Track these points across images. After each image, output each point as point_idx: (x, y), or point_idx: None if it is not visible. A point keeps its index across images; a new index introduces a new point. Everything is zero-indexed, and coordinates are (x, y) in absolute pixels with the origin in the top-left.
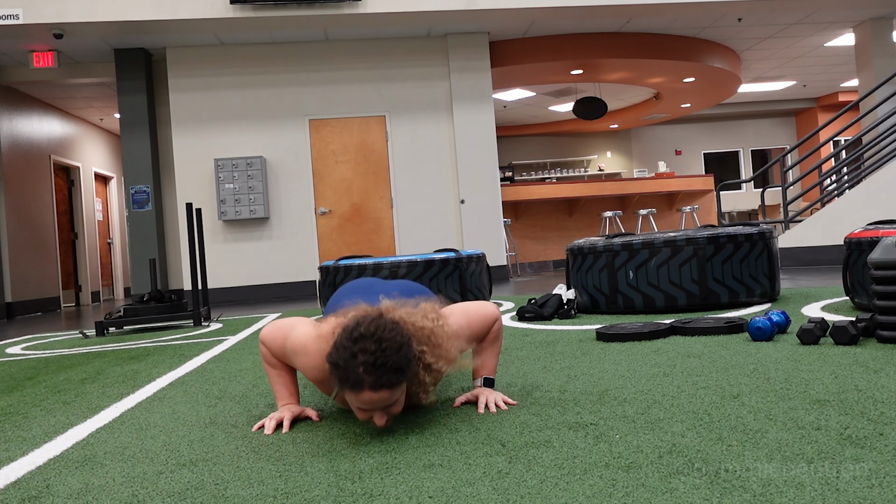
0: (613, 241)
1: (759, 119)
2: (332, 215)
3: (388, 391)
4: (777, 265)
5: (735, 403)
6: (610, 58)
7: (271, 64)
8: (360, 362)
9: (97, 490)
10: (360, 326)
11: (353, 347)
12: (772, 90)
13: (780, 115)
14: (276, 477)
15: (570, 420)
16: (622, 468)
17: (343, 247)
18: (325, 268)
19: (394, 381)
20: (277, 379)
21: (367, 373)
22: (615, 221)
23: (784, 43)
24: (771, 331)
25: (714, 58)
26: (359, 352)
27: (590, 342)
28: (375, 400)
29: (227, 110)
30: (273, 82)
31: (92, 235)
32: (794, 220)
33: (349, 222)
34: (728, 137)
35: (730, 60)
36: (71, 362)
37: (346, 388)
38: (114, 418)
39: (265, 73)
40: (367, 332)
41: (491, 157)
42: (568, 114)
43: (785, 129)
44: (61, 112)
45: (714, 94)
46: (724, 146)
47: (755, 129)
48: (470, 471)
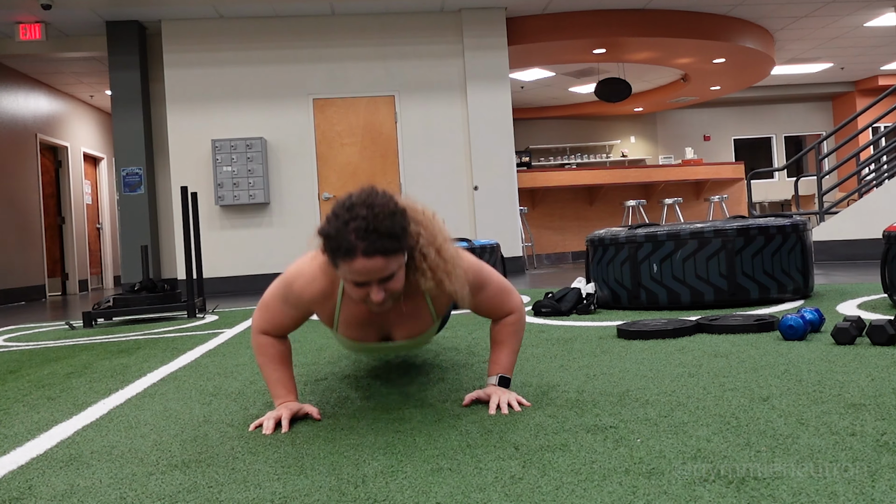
0: (636, 231)
1: (793, 103)
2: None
3: (383, 258)
4: (811, 259)
5: (764, 407)
6: (635, 36)
7: (273, 39)
8: (352, 228)
9: (83, 492)
10: (351, 197)
11: (345, 216)
12: (807, 73)
13: (816, 99)
14: (273, 480)
15: (588, 422)
16: (643, 474)
17: None
18: None
19: (388, 248)
20: (273, 374)
21: (360, 238)
22: (638, 211)
23: (821, 22)
24: (804, 329)
25: (746, 37)
26: (350, 219)
27: (610, 340)
28: (370, 268)
29: (226, 88)
30: (275, 59)
31: (80, 220)
32: (829, 212)
33: None
34: (760, 123)
35: (763, 40)
36: (56, 355)
37: (339, 258)
38: (101, 415)
39: (267, 49)
40: (358, 201)
41: (507, 140)
42: (589, 96)
43: (821, 114)
44: (49, 88)
45: (746, 76)
46: (756, 132)
47: (789, 114)
48: (481, 476)
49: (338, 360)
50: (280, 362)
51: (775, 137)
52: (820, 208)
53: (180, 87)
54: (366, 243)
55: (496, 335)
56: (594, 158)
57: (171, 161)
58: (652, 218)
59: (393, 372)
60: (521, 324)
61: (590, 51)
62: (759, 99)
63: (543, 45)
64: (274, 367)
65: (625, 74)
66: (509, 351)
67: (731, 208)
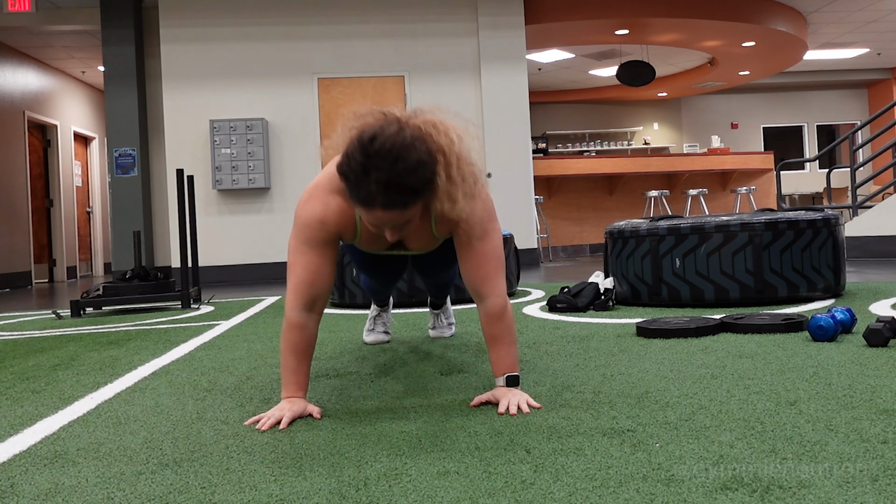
0: (658, 224)
1: (826, 90)
2: None
3: (402, 210)
4: (843, 256)
5: (791, 411)
6: (659, 16)
7: (277, 14)
8: (373, 179)
9: (68, 491)
10: (375, 141)
11: (366, 163)
12: (842, 58)
13: (851, 86)
14: (270, 481)
15: (604, 425)
16: (662, 481)
17: None
18: None
19: (407, 202)
20: (290, 363)
21: (380, 191)
22: (661, 202)
23: (857, 4)
24: (834, 330)
25: (777, 20)
26: (372, 168)
27: (629, 338)
28: (387, 219)
29: (226, 65)
30: (278, 35)
31: (69, 203)
32: (863, 206)
33: None
34: (791, 110)
35: (795, 23)
36: (42, 346)
37: (357, 201)
38: (89, 410)
39: (270, 25)
40: (381, 148)
41: (522, 125)
42: (611, 79)
43: (856, 102)
44: (38, 63)
45: (776, 60)
46: (787, 120)
47: (822, 101)
48: (490, 480)
49: (339, 356)
50: (300, 353)
51: (807, 126)
52: (853, 202)
53: (177, 64)
54: (386, 197)
55: (488, 332)
56: (615, 146)
57: (167, 142)
58: (675, 210)
59: (398, 369)
60: (510, 315)
61: (612, 31)
62: (791, 85)
63: (563, 24)
64: (292, 356)
65: (648, 57)
66: (507, 345)
67: (759, 201)
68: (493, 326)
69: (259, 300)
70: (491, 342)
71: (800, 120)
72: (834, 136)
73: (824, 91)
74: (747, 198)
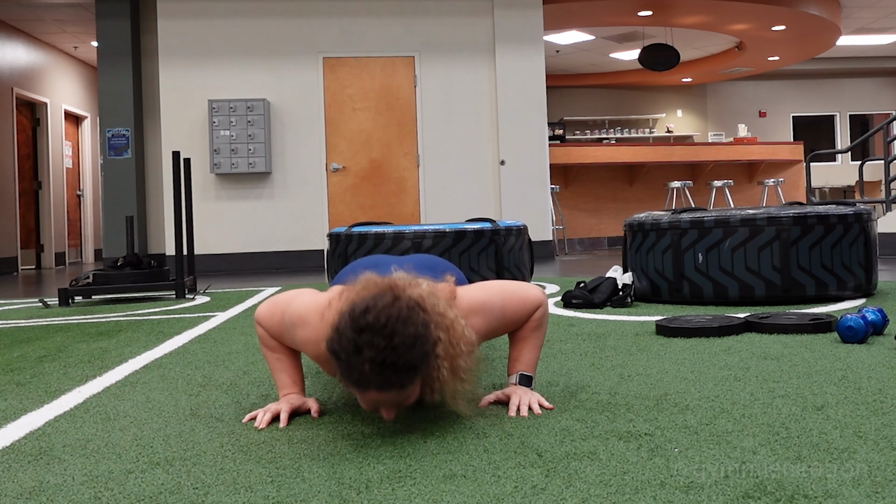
0: (681, 216)
1: (860, 78)
2: (346, 173)
3: (399, 391)
4: (875, 253)
5: (818, 416)
6: None
7: None
8: (367, 359)
9: (53, 489)
10: (368, 313)
11: (358, 339)
12: (877, 44)
13: (886, 74)
14: (266, 482)
15: (620, 429)
16: (680, 488)
17: (358, 211)
18: (336, 235)
19: (405, 381)
20: (277, 364)
21: (374, 372)
22: (684, 193)
23: None
24: (864, 331)
25: (810, 3)
26: (364, 346)
27: (648, 336)
28: (383, 400)
29: (226, 43)
30: (282, 11)
31: (59, 186)
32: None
33: (366, 182)
34: (822, 99)
35: (828, 7)
36: (28, 336)
37: (350, 384)
38: (76, 405)
39: (273, 0)
40: (375, 323)
41: (539, 110)
42: (633, 63)
43: (891, 91)
44: (28, 37)
45: (808, 46)
46: (818, 109)
47: (855, 90)
48: (499, 484)
49: None
50: (285, 352)
51: (839, 116)
52: (887, 196)
53: (175, 40)
54: (381, 378)
55: (519, 332)
56: (636, 133)
57: (163, 123)
58: (699, 202)
59: None
60: (544, 318)
61: (634, 12)
62: (822, 72)
63: (583, 4)
64: (277, 357)
65: (672, 40)
66: (532, 347)
67: (788, 194)
68: (527, 330)
69: (257, 291)
70: (516, 340)
71: (831, 109)
72: (867, 126)
73: (858, 79)
74: (775, 190)
